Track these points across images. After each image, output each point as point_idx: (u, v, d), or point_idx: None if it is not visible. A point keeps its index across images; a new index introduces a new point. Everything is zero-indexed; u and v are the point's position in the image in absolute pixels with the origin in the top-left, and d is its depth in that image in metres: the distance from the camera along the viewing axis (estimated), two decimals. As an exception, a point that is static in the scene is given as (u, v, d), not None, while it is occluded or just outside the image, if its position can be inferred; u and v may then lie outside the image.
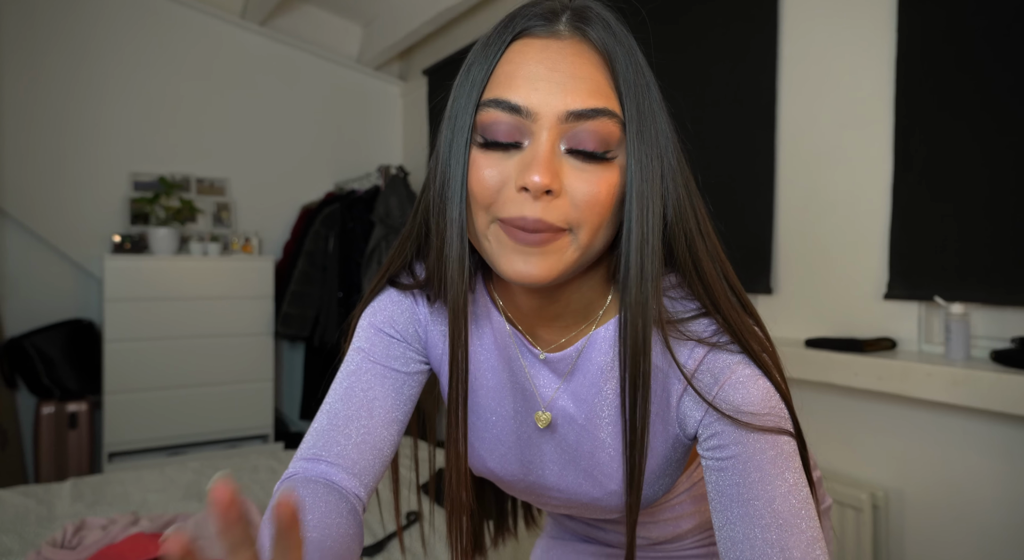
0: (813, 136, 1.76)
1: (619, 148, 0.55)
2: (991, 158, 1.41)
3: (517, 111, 0.54)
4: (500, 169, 0.55)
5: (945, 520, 1.48)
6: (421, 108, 3.67)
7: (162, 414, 2.97)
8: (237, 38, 3.47)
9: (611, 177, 0.55)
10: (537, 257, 0.55)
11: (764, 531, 0.54)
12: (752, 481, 0.55)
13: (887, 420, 1.58)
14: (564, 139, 0.54)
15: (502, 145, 0.55)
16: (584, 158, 0.54)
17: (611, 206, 0.55)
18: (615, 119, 0.54)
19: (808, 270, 1.78)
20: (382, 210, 3.11)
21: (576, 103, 0.53)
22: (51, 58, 3.05)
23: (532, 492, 0.72)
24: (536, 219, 0.53)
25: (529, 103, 0.54)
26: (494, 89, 0.56)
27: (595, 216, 0.54)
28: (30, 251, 3.07)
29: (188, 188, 3.35)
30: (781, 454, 0.56)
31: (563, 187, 0.54)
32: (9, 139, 2.98)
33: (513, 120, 0.54)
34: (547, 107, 0.53)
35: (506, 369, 0.68)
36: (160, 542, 0.42)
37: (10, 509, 1.69)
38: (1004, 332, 1.43)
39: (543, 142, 0.53)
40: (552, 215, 0.53)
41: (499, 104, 0.55)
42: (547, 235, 0.54)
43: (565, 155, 0.54)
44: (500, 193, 0.55)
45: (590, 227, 0.55)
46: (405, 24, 3.22)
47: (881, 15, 1.60)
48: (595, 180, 0.54)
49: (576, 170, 0.54)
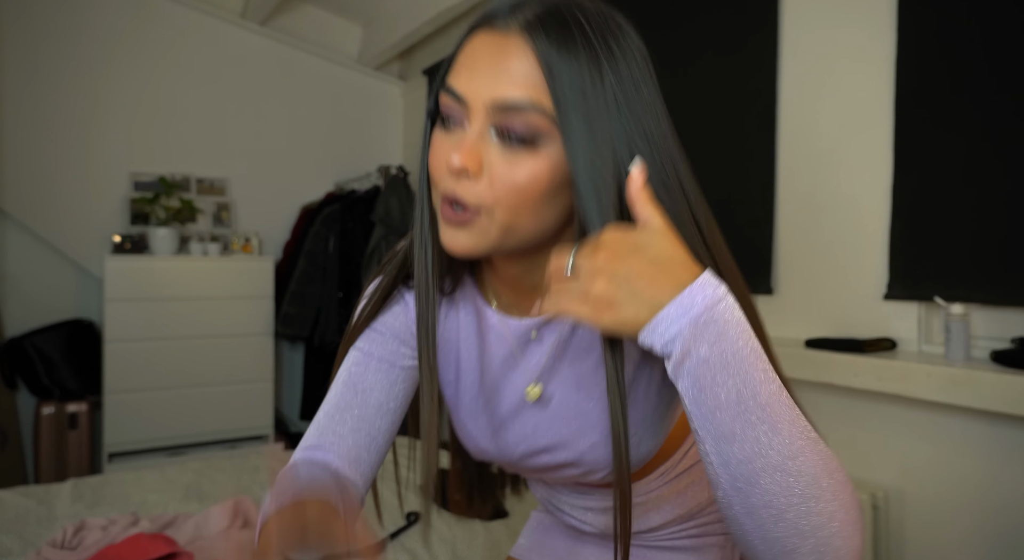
0: (813, 136, 1.76)
1: (549, 138, 0.57)
2: (991, 158, 1.41)
3: (457, 98, 0.59)
4: (446, 149, 0.60)
5: (945, 520, 1.48)
6: (421, 108, 3.67)
7: (162, 414, 2.97)
8: (237, 38, 3.47)
9: (536, 164, 0.57)
10: (461, 233, 0.60)
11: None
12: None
13: (887, 420, 1.58)
14: (493, 127, 0.58)
15: (451, 127, 0.60)
16: (509, 144, 0.58)
17: (537, 190, 0.58)
18: (543, 114, 0.56)
19: (808, 270, 1.78)
20: (382, 210, 3.11)
21: (502, 93, 0.57)
22: (51, 58, 3.05)
23: (523, 465, 0.74)
24: (452, 195, 0.59)
25: (465, 91, 0.58)
26: (449, 75, 0.61)
27: (510, 199, 0.58)
28: (30, 251, 3.07)
29: (188, 188, 3.35)
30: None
31: (483, 169, 0.58)
32: (9, 139, 2.98)
33: (456, 105, 0.59)
34: (477, 97, 0.58)
35: (491, 350, 0.72)
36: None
37: (10, 509, 1.68)
38: (1004, 332, 1.43)
39: (473, 128, 0.58)
40: (467, 194, 0.58)
41: (446, 89, 0.60)
42: (466, 214, 0.59)
43: (495, 141, 0.58)
44: (441, 170, 0.60)
45: (506, 209, 0.58)
46: (405, 24, 3.22)
47: (881, 15, 1.60)
48: (515, 165, 0.57)
49: (500, 155, 0.58)
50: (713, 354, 0.51)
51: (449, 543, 1.55)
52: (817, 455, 0.52)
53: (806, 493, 0.51)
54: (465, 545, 1.54)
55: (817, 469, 0.51)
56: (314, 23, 3.66)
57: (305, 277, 3.28)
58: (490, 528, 1.64)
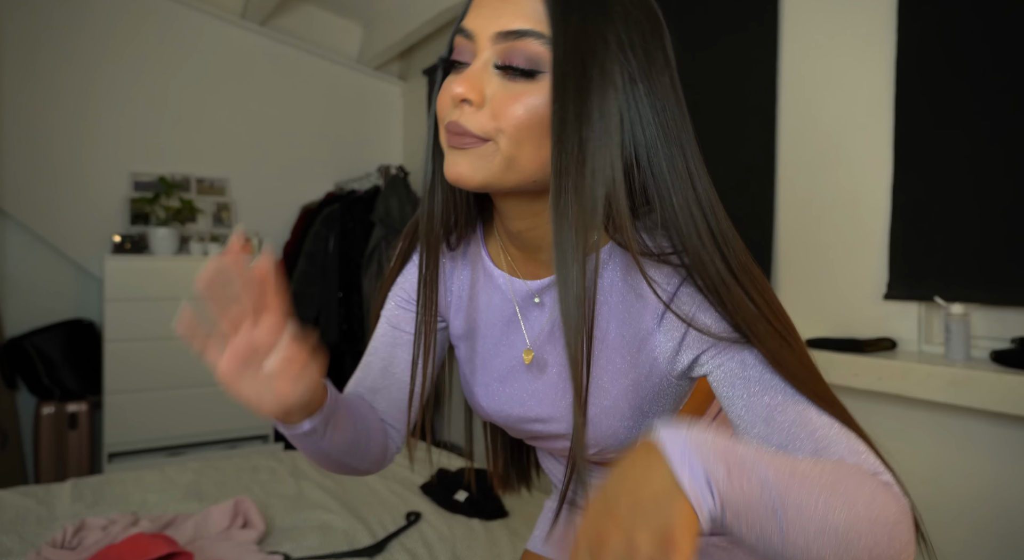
0: (813, 136, 1.76)
1: (549, 70, 0.58)
2: (991, 158, 1.41)
3: (465, 34, 0.62)
4: (451, 85, 0.61)
5: (945, 520, 1.48)
6: (421, 108, 3.67)
7: (162, 414, 2.97)
8: (237, 38, 3.47)
9: (537, 95, 0.58)
10: (464, 158, 0.61)
11: (796, 441, 0.59)
12: (754, 391, 0.61)
13: (887, 420, 1.58)
14: (497, 58, 0.60)
15: (458, 65, 0.63)
16: (509, 74, 0.59)
17: (535, 123, 0.59)
18: (542, 39, 0.58)
19: (808, 270, 1.78)
20: (382, 210, 3.11)
21: (505, 25, 0.59)
22: (51, 58, 3.05)
23: (520, 429, 0.77)
24: (454, 122, 0.60)
25: (471, 26, 0.61)
26: (462, 20, 0.64)
27: (512, 130, 0.59)
28: (30, 251, 3.07)
29: (188, 188, 3.35)
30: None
31: (485, 99, 0.60)
32: (9, 139, 2.98)
33: (465, 43, 0.62)
34: (482, 29, 0.60)
35: (495, 309, 0.75)
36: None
37: (10, 509, 1.69)
38: (1004, 332, 1.43)
39: (478, 60, 0.60)
40: (470, 122, 0.60)
41: (459, 30, 0.63)
42: (470, 139, 0.60)
43: (497, 73, 0.60)
44: (446, 106, 0.62)
45: (509, 138, 0.59)
46: (405, 24, 3.22)
47: (881, 15, 1.60)
48: (516, 95, 0.59)
49: (503, 86, 0.59)
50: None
51: (449, 543, 1.55)
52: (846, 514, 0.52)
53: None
54: (465, 545, 1.54)
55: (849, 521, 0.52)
56: (314, 23, 3.66)
57: (305, 277, 3.28)
58: (490, 528, 1.64)
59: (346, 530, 1.60)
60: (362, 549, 1.49)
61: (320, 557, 1.45)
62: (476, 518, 1.69)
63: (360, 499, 1.82)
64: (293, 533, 1.59)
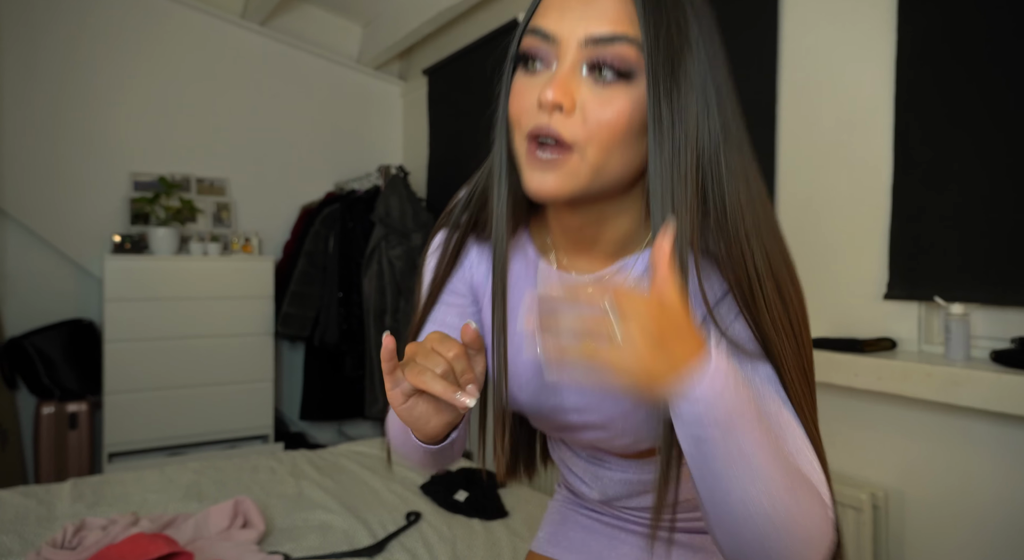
0: (813, 136, 1.76)
1: (639, 73, 0.59)
2: (991, 158, 1.41)
3: (546, 37, 0.60)
4: (533, 90, 0.61)
5: (945, 520, 1.48)
6: (421, 108, 3.67)
7: (162, 414, 2.97)
8: (237, 38, 3.47)
9: (627, 100, 0.59)
10: (549, 175, 0.60)
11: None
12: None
13: (887, 420, 1.58)
14: (585, 63, 0.59)
15: (536, 69, 0.61)
16: (601, 79, 0.59)
17: (625, 128, 0.59)
18: (633, 45, 0.58)
19: (808, 270, 1.77)
20: (382, 210, 3.11)
21: (595, 29, 0.58)
22: (51, 58, 3.05)
23: (552, 419, 0.76)
24: (545, 129, 0.59)
25: (555, 29, 0.60)
26: (534, 18, 0.62)
27: (603, 134, 0.58)
28: (30, 251, 3.07)
29: (188, 188, 3.35)
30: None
31: (576, 105, 0.59)
32: (9, 139, 2.98)
33: (544, 45, 0.60)
34: (570, 33, 0.59)
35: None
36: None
37: (10, 509, 1.69)
38: (1004, 332, 1.43)
39: (564, 64, 0.59)
40: (563, 128, 0.58)
41: (534, 31, 0.61)
42: (557, 153, 0.59)
43: (586, 77, 0.59)
44: (528, 111, 0.61)
45: (598, 146, 0.59)
46: (405, 24, 3.22)
47: (881, 15, 1.60)
48: (608, 100, 0.58)
49: (593, 91, 0.59)
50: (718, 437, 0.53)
51: (449, 543, 1.55)
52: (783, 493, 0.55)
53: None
54: (465, 545, 1.54)
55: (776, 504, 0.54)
56: (314, 23, 3.66)
57: (305, 277, 3.28)
58: (490, 528, 1.64)
59: (346, 530, 1.60)
60: (362, 549, 1.49)
61: (320, 557, 1.45)
62: (476, 518, 1.69)
63: (360, 499, 1.82)
64: (293, 533, 1.59)
